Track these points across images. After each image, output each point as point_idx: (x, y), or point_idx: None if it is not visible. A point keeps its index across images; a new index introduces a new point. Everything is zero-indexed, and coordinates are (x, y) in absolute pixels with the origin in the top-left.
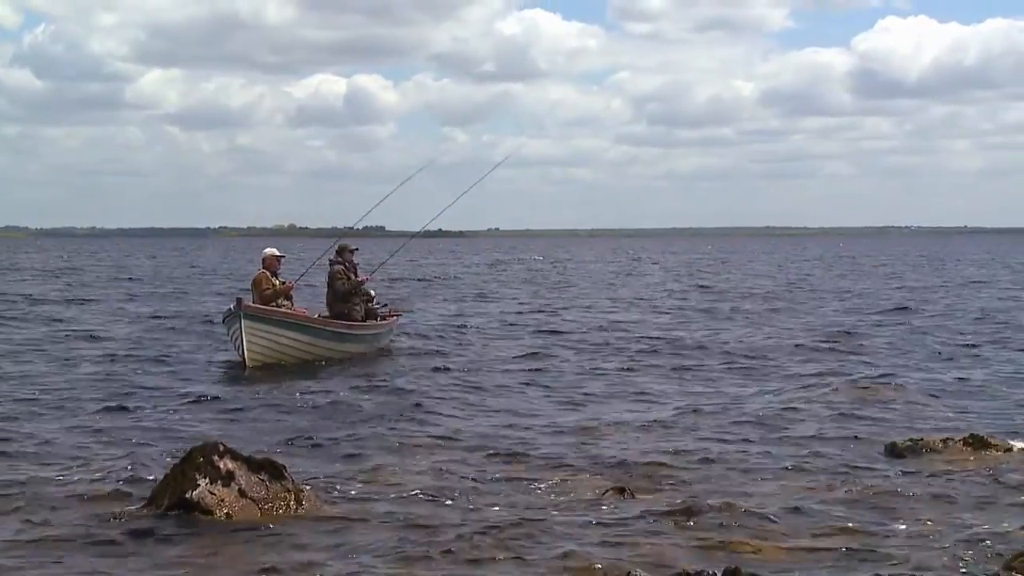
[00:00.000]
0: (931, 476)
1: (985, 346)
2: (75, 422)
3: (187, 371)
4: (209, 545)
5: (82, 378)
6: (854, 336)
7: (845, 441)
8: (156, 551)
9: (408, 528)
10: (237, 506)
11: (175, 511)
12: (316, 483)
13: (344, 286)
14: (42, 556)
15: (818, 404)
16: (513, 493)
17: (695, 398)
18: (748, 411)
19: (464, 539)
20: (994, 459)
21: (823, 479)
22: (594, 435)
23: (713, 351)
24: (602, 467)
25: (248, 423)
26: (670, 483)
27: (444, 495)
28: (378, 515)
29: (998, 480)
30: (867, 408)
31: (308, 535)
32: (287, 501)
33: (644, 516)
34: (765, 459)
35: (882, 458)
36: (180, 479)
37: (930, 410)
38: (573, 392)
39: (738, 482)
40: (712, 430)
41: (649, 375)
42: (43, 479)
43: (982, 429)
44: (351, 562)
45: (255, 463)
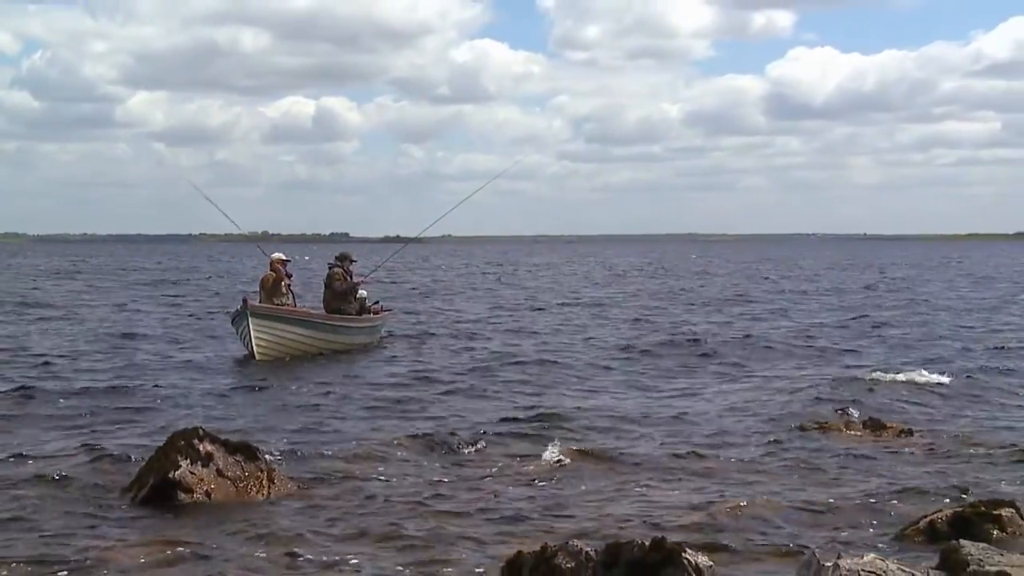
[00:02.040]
0: (832, 453)
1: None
2: (88, 405)
3: (201, 363)
4: (189, 520)
5: (107, 367)
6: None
7: (763, 423)
8: (140, 527)
9: (369, 504)
10: (215, 485)
11: (159, 490)
12: (289, 463)
13: (342, 287)
14: (35, 530)
15: (732, 392)
16: (470, 474)
17: (652, 385)
18: (691, 395)
19: (421, 516)
20: (888, 438)
21: (740, 453)
22: (552, 420)
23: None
24: (550, 449)
25: (241, 408)
26: (612, 463)
27: (406, 475)
28: (343, 492)
29: (891, 456)
30: (789, 396)
31: (278, 510)
32: (260, 480)
33: (584, 493)
34: (692, 438)
35: (797, 435)
36: (163, 461)
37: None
38: (546, 384)
39: (667, 460)
40: (658, 412)
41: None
42: (43, 456)
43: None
44: (316, 534)
45: (232, 446)
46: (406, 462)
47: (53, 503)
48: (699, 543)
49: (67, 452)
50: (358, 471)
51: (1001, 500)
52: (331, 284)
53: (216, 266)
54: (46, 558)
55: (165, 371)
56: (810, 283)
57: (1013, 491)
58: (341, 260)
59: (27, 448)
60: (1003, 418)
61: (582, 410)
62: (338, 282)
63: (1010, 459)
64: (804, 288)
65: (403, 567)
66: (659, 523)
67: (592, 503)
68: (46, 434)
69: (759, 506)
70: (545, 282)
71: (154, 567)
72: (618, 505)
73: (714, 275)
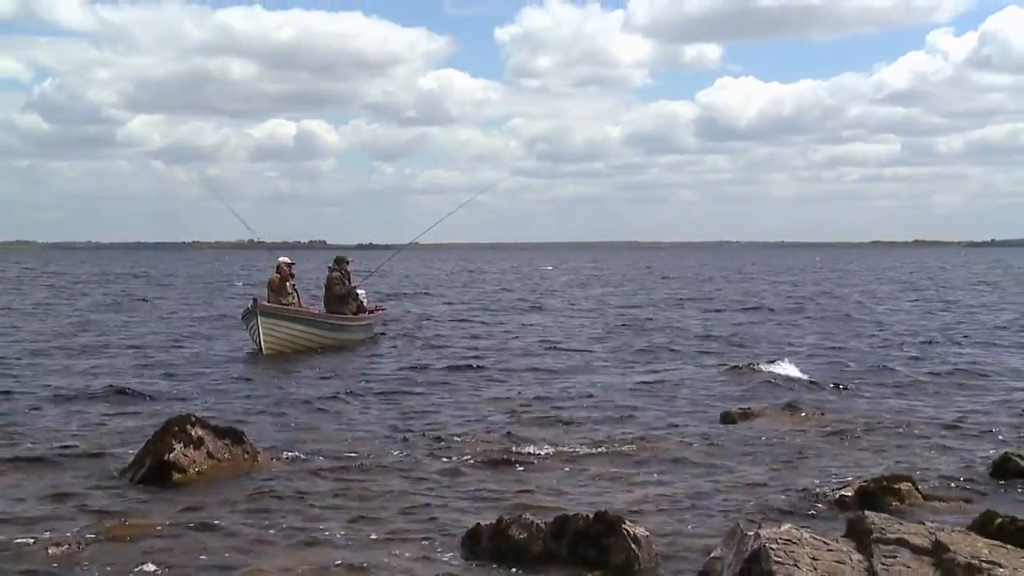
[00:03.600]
0: (755, 435)
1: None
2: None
3: (210, 359)
4: (183, 497)
5: (126, 363)
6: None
7: (692, 415)
8: (139, 503)
9: (345, 482)
10: (206, 465)
11: (156, 470)
12: (276, 446)
13: (341, 290)
14: (43, 507)
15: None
16: (439, 458)
17: (599, 375)
18: (638, 382)
19: (392, 493)
20: (806, 420)
21: (675, 437)
22: (507, 406)
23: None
24: (508, 433)
25: (241, 396)
26: (560, 448)
27: (381, 457)
28: (322, 472)
29: (805, 437)
30: (721, 386)
31: (261, 487)
32: (246, 460)
33: (538, 476)
34: (637, 426)
35: (718, 423)
36: (159, 444)
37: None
38: (513, 376)
39: (614, 446)
40: (605, 400)
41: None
42: (57, 439)
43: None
44: (294, 510)
45: (220, 430)
46: (383, 447)
47: (60, 482)
48: (637, 516)
49: (78, 434)
50: (338, 453)
51: (900, 475)
52: (331, 287)
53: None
54: (53, 532)
55: (179, 363)
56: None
57: (910, 467)
58: (339, 264)
59: (36, 430)
60: (901, 402)
61: (544, 400)
62: (338, 286)
63: (907, 439)
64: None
65: (375, 537)
66: (604, 500)
67: (545, 484)
68: (57, 417)
69: (691, 483)
70: (510, 283)
71: (150, 539)
72: (568, 486)
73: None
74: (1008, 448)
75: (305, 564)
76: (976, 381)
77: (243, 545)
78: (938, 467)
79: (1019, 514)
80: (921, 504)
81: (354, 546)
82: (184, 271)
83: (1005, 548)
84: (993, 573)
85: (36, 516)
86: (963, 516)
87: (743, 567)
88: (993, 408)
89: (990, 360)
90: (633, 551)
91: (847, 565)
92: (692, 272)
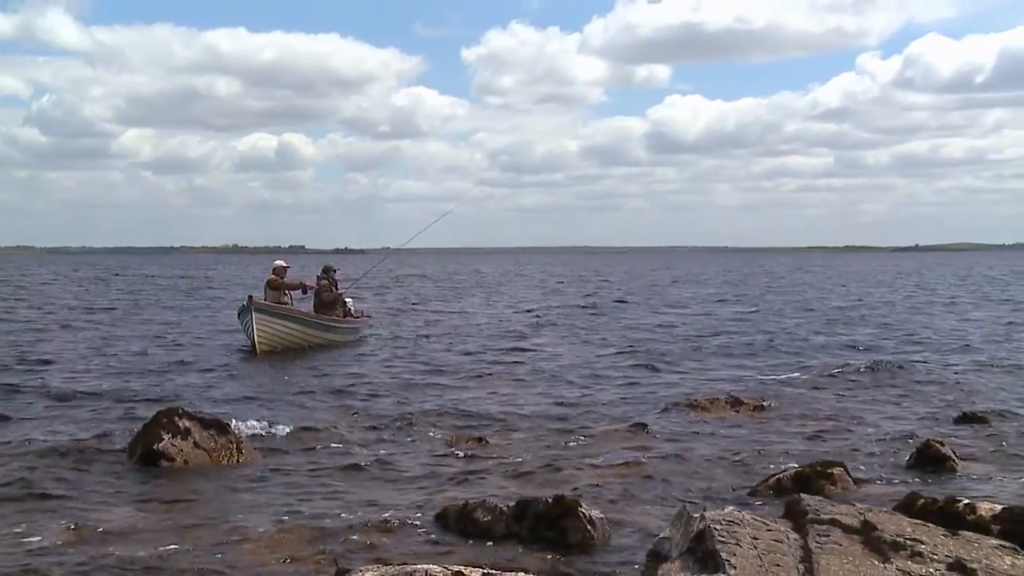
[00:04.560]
0: (701, 424)
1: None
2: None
3: (206, 354)
4: (170, 483)
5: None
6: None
7: (642, 406)
8: (130, 488)
9: (322, 470)
10: (192, 455)
11: (146, 458)
12: (259, 436)
13: (329, 297)
14: (42, 490)
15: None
16: (410, 448)
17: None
18: (599, 372)
19: (364, 480)
20: (748, 411)
21: (627, 426)
22: (477, 399)
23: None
24: (469, 424)
25: (232, 389)
26: (525, 440)
27: (357, 448)
28: (301, 460)
29: (747, 427)
30: (657, 376)
31: (243, 474)
32: (230, 450)
33: (501, 463)
34: (592, 416)
35: (673, 411)
36: (149, 434)
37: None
38: (481, 373)
39: (569, 435)
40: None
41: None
42: (54, 431)
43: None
44: (272, 493)
45: (206, 422)
46: (361, 437)
47: (57, 468)
48: (593, 499)
49: (75, 423)
50: (318, 442)
51: (833, 461)
52: (320, 295)
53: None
54: (51, 513)
55: (177, 358)
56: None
57: (842, 453)
58: (326, 272)
59: (39, 418)
60: (834, 394)
61: (509, 391)
62: (326, 293)
63: (839, 427)
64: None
65: (348, 519)
66: (562, 484)
67: (508, 470)
68: (59, 406)
69: (641, 469)
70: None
71: (140, 520)
72: (529, 470)
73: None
74: (929, 436)
75: (284, 544)
76: (905, 376)
77: (225, 528)
78: (867, 453)
79: (939, 495)
80: (851, 487)
81: (328, 526)
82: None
83: (927, 526)
84: (916, 549)
85: (34, 499)
86: (889, 497)
87: (689, 546)
88: (918, 400)
89: (920, 357)
90: (589, 532)
91: (784, 543)
92: (649, 275)
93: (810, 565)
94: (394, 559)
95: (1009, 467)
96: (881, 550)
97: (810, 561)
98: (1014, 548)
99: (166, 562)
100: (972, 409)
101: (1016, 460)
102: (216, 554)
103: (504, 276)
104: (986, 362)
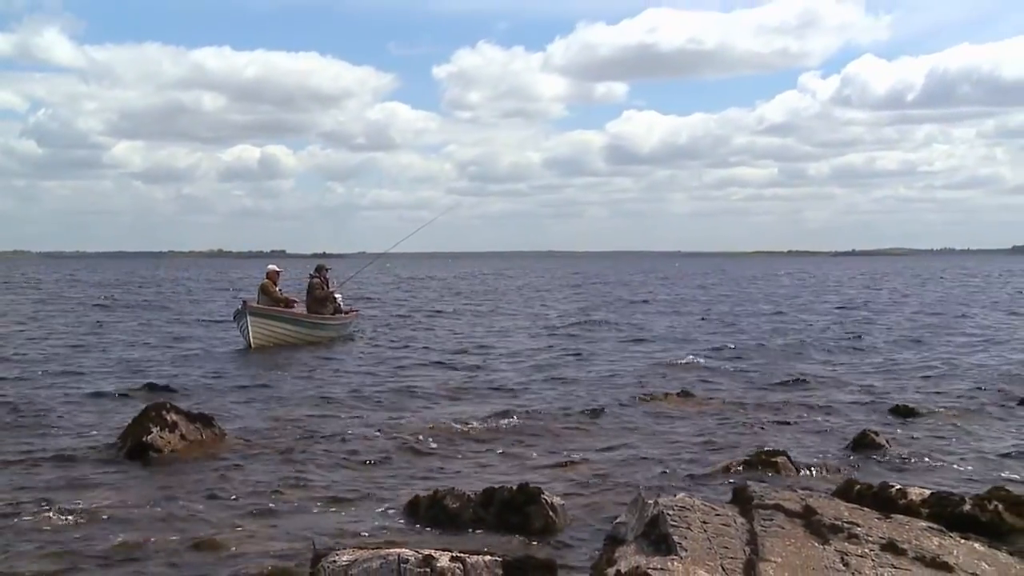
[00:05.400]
0: (656, 416)
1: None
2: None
3: (206, 353)
4: (159, 473)
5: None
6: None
7: (602, 399)
8: (120, 477)
9: (300, 459)
10: (179, 446)
11: (135, 450)
12: (244, 428)
13: (322, 294)
14: (37, 478)
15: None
16: (387, 439)
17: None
18: (552, 377)
19: (341, 468)
20: (700, 404)
21: (588, 419)
22: (450, 391)
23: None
24: (440, 416)
25: (221, 384)
26: (489, 427)
27: (334, 439)
28: (280, 450)
29: (698, 418)
30: (627, 374)
31: (226, 464)
32: (215, 441)
33: (467, 454)
34: (562, 400)
35: (631, 404)
36: (138, 427)
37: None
38: (474, 368)
39: (532, 427)
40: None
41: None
42: (51, 423)
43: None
44: (251, 481)
45: (192, 415)
46: (341, 428)
47: (53, 455)
48: (554, 487)
49: (73, 413)
50: (298, 433)
51: (776, 450)
52: (312, 292)
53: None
54: (47, 499)
55: (174, 356)
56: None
57: (786, 443)
58: (319, 271)
59: (41, 407)
60: (779, 388)
61: (477, 386)
62: (318, 291)
63: (783, 419)
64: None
65: (327, 506)
66: (526, 473)
67: (475, 461)
68: (53, 404)
69: (599, 459)
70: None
71: (130, 507)
72: (495, 462)
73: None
74: (865, 426)
75: (265, 530)
76: (842, 370)
77: (208, 514)
78: (808, 443)
79: (874, 481)
80: (794, 474)
81: (307, 513)
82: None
83: (862, 510)
84: (853, 531)
85: (31, 483)
86: (828, 484)
87: (644, 530)
88: (855, 393)
89: (857, 355)
90: (551, 517)
91: (732, 527)
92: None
93: (755, 547)
94: (369, 544)
95: (936, 455)
96: (821, 533)
97: (755, 543)
98: (941, 529)
99: (151, 546)
100: (904, 402)
101: (943, 448)
102: (199, 539)
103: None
104: (923, 361)
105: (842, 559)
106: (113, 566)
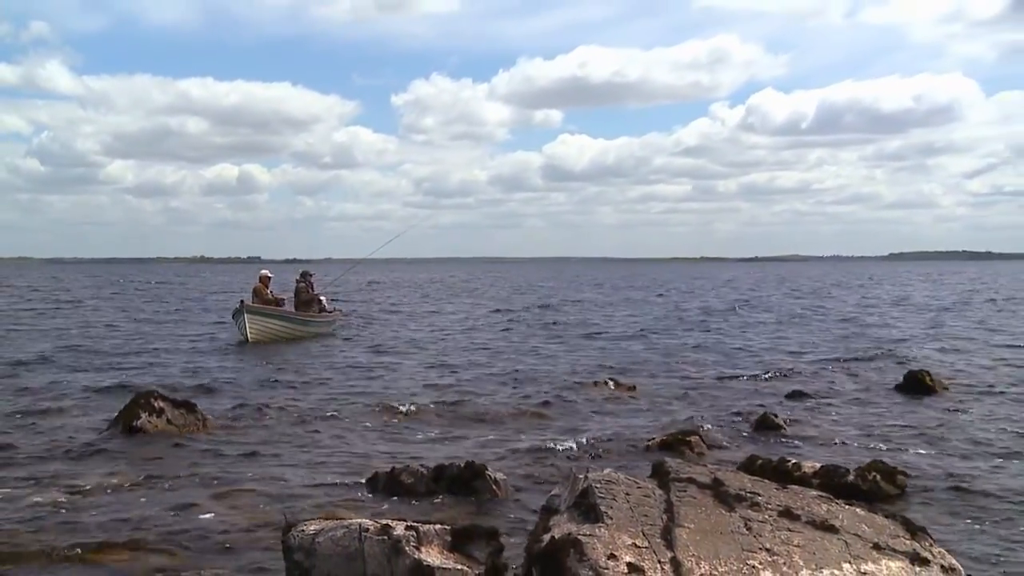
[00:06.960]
0: (587, 402)
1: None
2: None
3: (204, 348)
4: (147, 453)
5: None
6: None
7: (538, 388)
8: (112, 458)
9: (274, 440)
10: (165, 429)
11: (126, 433)
12: (225, 413)
13: (307, 297)
14: (35, 458)
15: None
16: (350, 423)
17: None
18: (503, 371)
19: (308, 448)
20: (622, 391)
21: (530, 404)
22: (412, 380)
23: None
24: (400, 401)
25: (210, 374)
26: (449, 416)
27: (308, 421)
28: (255, 432)
29: (624, 403)
30: (560, 364)
31: (206, 446)
32: (197, 425)
33: (425, 437)
34: (498, 395)
35: (568, 392)
36: (129, 413)
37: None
38: (432, 360)
39: (484, 414)
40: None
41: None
42: (53, 411)
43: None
44: (229, 460)
45: (177, 402)
46: (312, 413)
47: (51, 438)
48: (498, 464)
49: (72, 402)
50: (273, 420)
51: (690, 430)
52: (299, 295)
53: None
54: (41, 479)
55: (173, 349)
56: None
57: (697, 423)
58: (304, 277)
59: (42, 397)
60: (691, 374)
61: (437, 376)
62: (304, 294)
63: (695, 403)
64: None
65: (296, 482)
66: (473, 452)
67: (428, 441)
68: (60, 387)
69: (537, 439)
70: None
71: (121, 484)
72: (447, 442)
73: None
74: (766, 409)
75: (240, 504)
76: (746, 357)
77: (189, 490)
78: (717, 424)
79: (773, 457)
80: (705, 451)
81: (280, 489)
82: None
83: (763, 482)
84: (754, 500)
85: (28, 464)
86: (734, 459)
87: (575, 501)
88: (757, 378)
89: (759, 340)
90: (494, 490)
91: (651, 498)
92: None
93: (672, 515)
94: (334, 515)
95: (825, 432)
96: (727, 502)
97: (672, 512)
98: (829, 497)
99: (137, 520)
100: (800, 388)
101: (832, 426)
102: (180, 513)
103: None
104: (827, 356)
105: (745, 524)
106: (105, 534)
